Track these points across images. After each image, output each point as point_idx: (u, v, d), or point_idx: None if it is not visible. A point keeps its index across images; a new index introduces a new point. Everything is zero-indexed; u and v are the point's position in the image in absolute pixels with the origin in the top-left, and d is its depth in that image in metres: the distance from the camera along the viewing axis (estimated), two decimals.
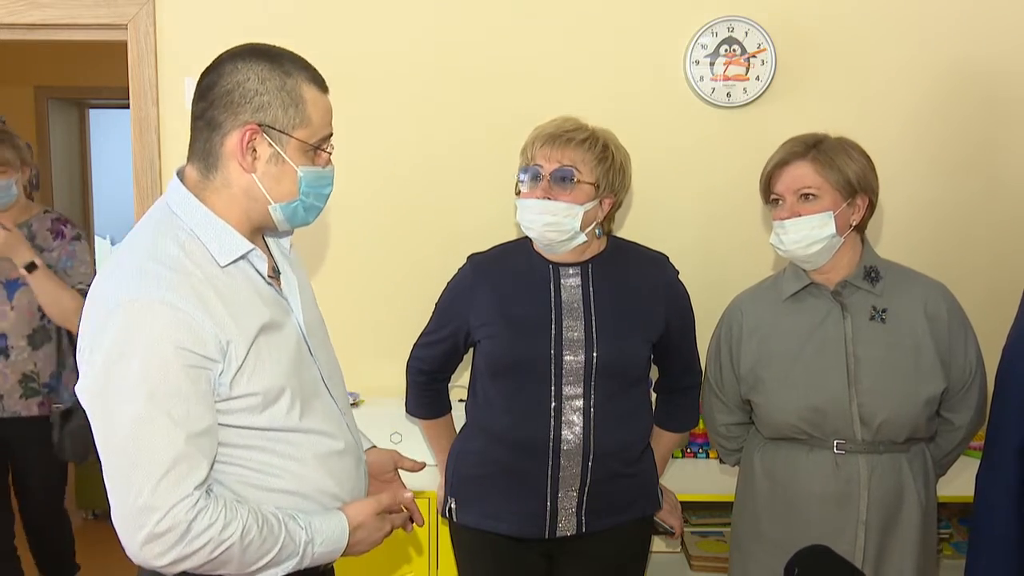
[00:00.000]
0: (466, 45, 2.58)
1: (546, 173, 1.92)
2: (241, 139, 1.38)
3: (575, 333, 1.94)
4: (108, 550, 1.36)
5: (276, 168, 1.41)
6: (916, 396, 1.84)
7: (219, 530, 1.32)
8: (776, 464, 1.93)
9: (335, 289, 2.57)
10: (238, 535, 1.34)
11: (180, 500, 1.29)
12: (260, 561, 1.38)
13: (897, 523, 1.87)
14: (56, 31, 2.64)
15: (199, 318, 1.32)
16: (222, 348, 1.34)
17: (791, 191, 1.87)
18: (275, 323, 1.45)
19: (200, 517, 1.31)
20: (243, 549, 1.35)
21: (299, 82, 1.42)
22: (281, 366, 1.43)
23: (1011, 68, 2.57)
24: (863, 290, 1.90)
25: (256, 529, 1.37)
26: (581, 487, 1.95)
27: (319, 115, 1.44)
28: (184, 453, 1.30)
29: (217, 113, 1.39)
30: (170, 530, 1.29)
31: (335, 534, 1.48)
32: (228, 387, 1.36)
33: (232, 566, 1.37)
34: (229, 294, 1.39)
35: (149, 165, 2.63)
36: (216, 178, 1.42)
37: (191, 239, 1.40)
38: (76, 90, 5.95)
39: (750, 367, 1.95)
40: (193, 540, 1.31)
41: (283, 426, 1.43)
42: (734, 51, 2.54)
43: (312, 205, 1.48)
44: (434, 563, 2.32)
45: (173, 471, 1.29)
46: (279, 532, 1.40)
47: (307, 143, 1.43)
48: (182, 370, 1.30)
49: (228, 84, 1.39)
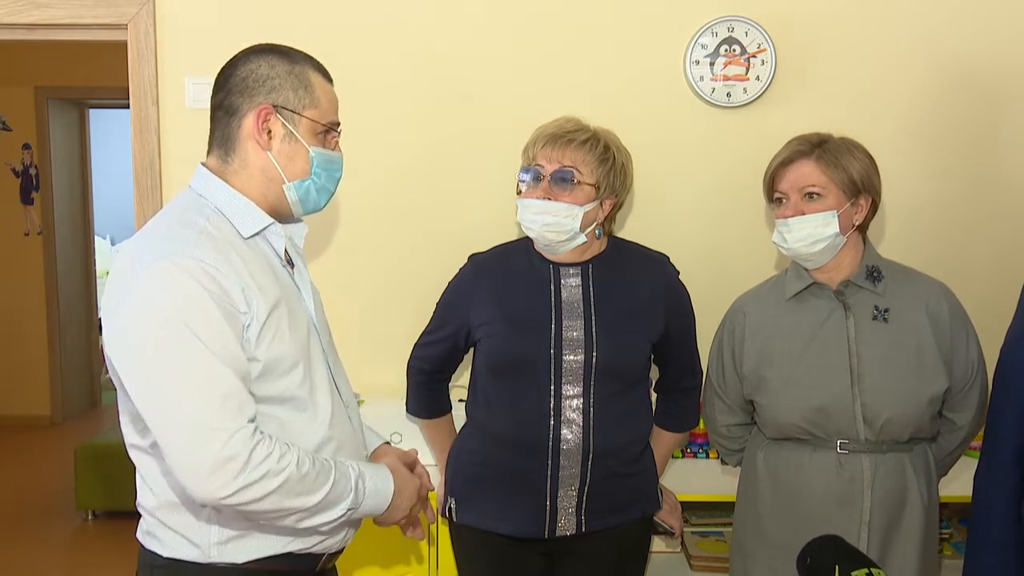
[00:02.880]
0: (467, 45, 2.58)
1: (547, 173, 1.92)
2: (257, 119, 1.48)
3: (575, 333, 1.94)
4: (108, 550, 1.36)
5: (289, 147, 1.51)
6: (919, 395, 1.84)
7: (276, 459, 1.36)
8: (779, 464, 1.93)
9: (336, 289, 2.56)
10: (294, 464, 1.38)
11: (241, 428, 1.34)
12: (318, 494, 1.41)
13: (900, 523, 1.87)
14: (56, 31, 2.64)
15: (227, 274, 1.39)
16: (248, 303, 1.41)
17: (795, 189, 1.87)
18: (290, 301, 1.51)
19: (259, 447, 1.35)
20: (300, 478, 1.39)
21: (306, 69, 1.54)
22: (297, 340, 1.49)
23: (1011, 68, 2.57)
24: (865, 290, 1.90)
25: (309, 462, 1.41)
26: (581, 487, 1.95)
27: (326, 100, 1.55)
28: (235, 388, 1.36)
29: (234, 99, 1.50)
30: (234, 456, 1.33)
31: (380, 474, 1.55)
32: (254, 345, 1.41)
33: (292, 499, 1.39)
34: (251, 262, 1.46)
35: (149, 165, 2.63)
36: (235, 160, 1.51)
37: (216, 215, 1.48)
38: (76, 90, 5.96)
39: (753, 367, 1.95)
40: (255, 468, 1.34)
41: (294, 396, 1.48)
42: (734, 51, 2.54)
43: (323, 187, 1.57)
44: (434, 563, 2.32)
45: (229, 401, 1.35)
46: (330, 467, 1.45)
47: (318, 123, 1.53)
48: (221, 315, 1.36)
49: (242, 73, 1.51)
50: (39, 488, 4.85)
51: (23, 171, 6.01)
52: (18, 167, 6.00)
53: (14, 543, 4.12)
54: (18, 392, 6.04)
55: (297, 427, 1.48)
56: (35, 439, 5.76)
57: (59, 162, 6.11)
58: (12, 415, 6.00)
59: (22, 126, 5.96)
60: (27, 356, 6.04)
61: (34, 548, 4.08)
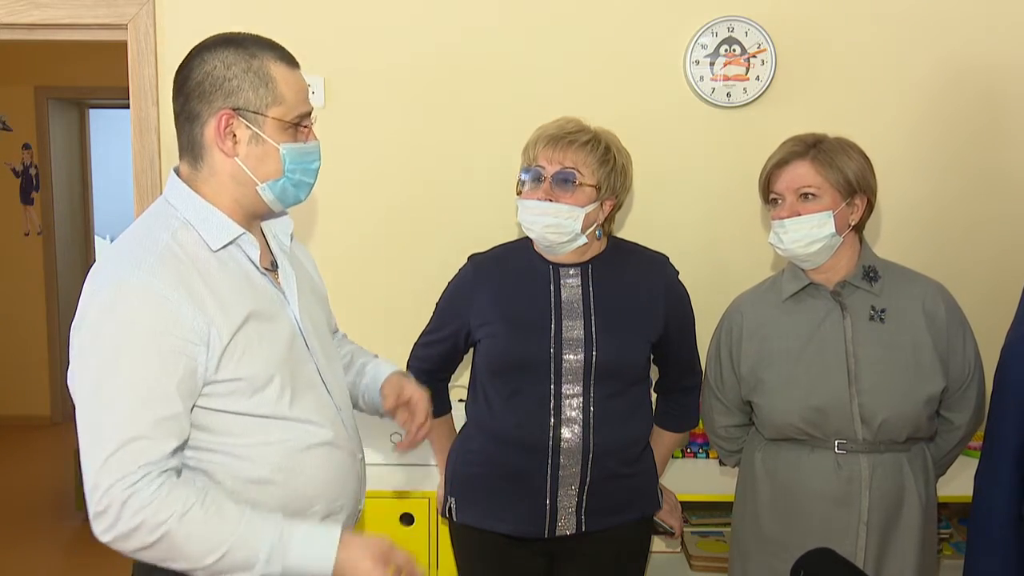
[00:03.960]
0: (467, 45, 2.58)
1: (548, 175, 1.92)
2: (218, 126, 1.41)
3: (575, 332, 1.94)
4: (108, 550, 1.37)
5: (258, 148, 1.44)
6: (916, 395, 1.85)
7: (153, 512, 1.29)
8: (777, 464, 1.93)
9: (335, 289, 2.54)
10: (175, 520, 1.30)
11: (121, 478, 1.29)
12: (208, 557, 1.31)
13: (898, 522, 1.87)
14: (56, 31, 2.64)
15: (179, 303, 1.34)
16: (202, 334, 1.35)
17: (791, 190, 1.87)
18: (266, 312, 1.46)
19: (136, 496, 1.29)
20: (186, 536, 1.30)
21: (265, 62, 1.44)
22: (272, 355, 1.44)
23: (1011, 67, 2.57)
24: (862, 290, 1.90)
25: (201, 519, 1.31)
26: (581, 486, 1.95)
27: (292, 92, 1.45)
28: (143, 434, 1.31)
29: (193, 105, 1.44)
30: (107, 508, 1.30)
31: (321, 540, 1.36)
32: (214, 370, 1.37)
33: (186, 556, 1.32)
34: (218, 280, 1.41)
35: (149, 165, 2.63)
36: (203, 168, 1.46)
37: (184, 227, 1.43)
38: (76, 90, 5.96)
39: (750, 368, 1.95)
40: (129, 519, 1.29)
41: (272, 413, 1.43)
42: (734, 51, 2.54)
43: (300, 181, 1.49)
44: (434, 563, 2.32)
45: (124, 449, 1.30)
46: (231, 528, 1.32)
47: (284, 120, 1.44)
48: (157, 354, 1.32)
49: (198, 75, 1.43)
50: (39, 488, 4.85)
51: (23, 171, 6.01)
52: (18, 167, 6.00)
53: (14, 543, 4.12)
54: (18, 392, 6.04)
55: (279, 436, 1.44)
56: (35, 439, 5.76)
57: (59, 162, 6.11)
58: (12, 415, 6.00)
59: (22, 126, 5.96)
60: (27, 356, 6.04)
61: (34, 548, 4.09)
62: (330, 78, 2.58)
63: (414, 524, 2.32)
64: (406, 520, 2.32)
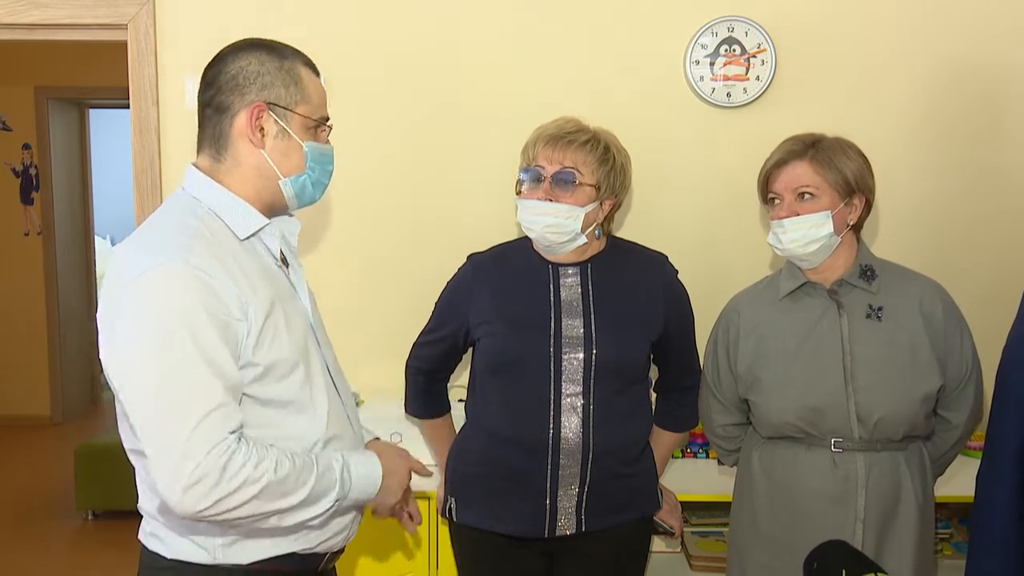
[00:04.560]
0: (466, 45, 2.58)
1: (547, 174, 1.92)
2: (250, 117, 1.47)
3: (575, 332, 1.94)
4: (108, 550, 1.37)
5: (283, 143, 1.51)
6: (913, 393, 1.85)
7: (253, 467, 1.36)
8: (774, 463, 1.93)
9: (335, 289, 2.56)
10: (272, 469, 1.38)
11: (214, 446, 1.34)
12: (300, 492, 1.42)
13: (895, 521, 1.87)
14: (56, 31, 2.64)
15: (221, 280, 1.38)
16: (244, 308, 1.40)
17: (789, 190, 1.87)
18: (286, 302, 1.51)
19: (233, 458, 1.35)
20: (280, 482, 1.39)
21: (295, 64, 1.53)
22: (295, 343, 1.49)
23: (1010, 67, 2.57)
24: (859, 289, 1.90)
25: (289, 463, 1.41)
26: (581, 486, 1.95)
27: (316, 95, 1.55)
28: (221, 401, 1.36)
29: (225, 97, 1.49)
30: (207, 475, 1.33)
31: (367, 458, 1.56)
32: (251, 351, 1.41)
33: (274, 502, 1.40)
34: (246, 265, 1.45)
35: (149, 165, 2.63)
36: (227, 159, 1.50)
37: (210, 216, 1.47)
38: (76, 90, 5.96)
39: (747, 367, 1.95)
40: (230, 480, 1.34)
41: (295, 399, 1.48)
42: (734, 51, 2.54)
43: (318, 181, 1.57)
44: (434, 563, 2.32)
45: (209, 418, 1.34)
46: (311, 463, 1.45)
47: (310, 118, 1.53)
48: (212, 326, 1.36)
49: (232, 70, 1.49)
50: (39, 488, 4.85)
51: (23, 171, 6.01)
52: (18, 167, 6.01)
53: (14, 543, 4.12)
54: (18, 392, 6.05)
55: (299, 429, 1.49)
56: (35, 439, 5.76)
57: (59, 162, 6.11)
58: (12, 415, 6.01)
59: (22, 126, 5.96)
60: (27, 356, 6.04)
61: (34, 548, 4.08)
62: (330, 78, 2.56)
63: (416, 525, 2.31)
64: None
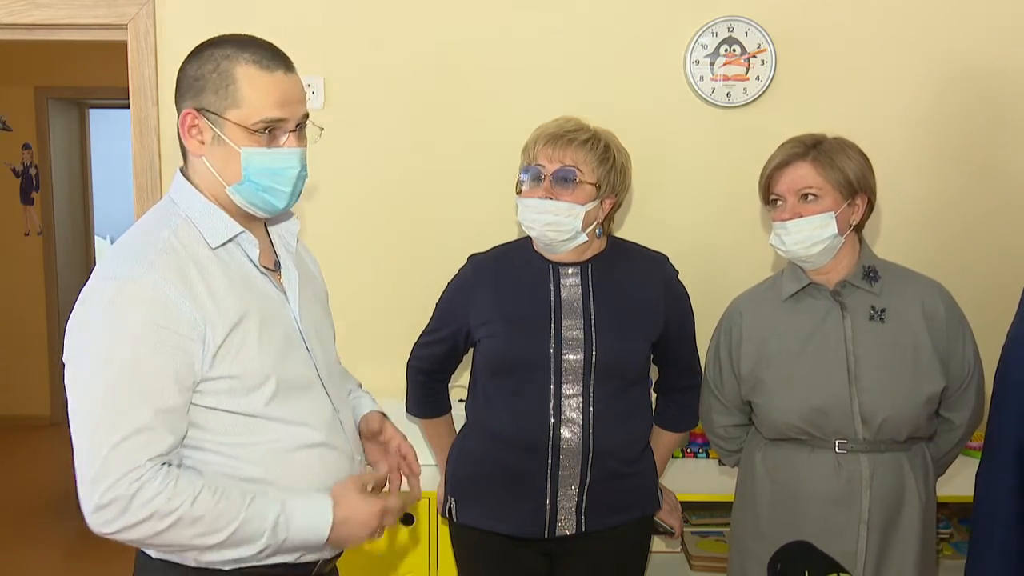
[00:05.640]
0: (466, 44, 2.58)
1: (548, 173, 1.92)
2: (182, 123, 1.45)
3: (575, 332, 1.94)
4: (108, 550, 1.37)
5: (220, 150, 1.44)
6: (917, 394, 1.85)
7: (165, 500, 1.32)
8: (778, 464, 1.93)
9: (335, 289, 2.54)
10: (187, 505, 1.33)
11: (130, 470, 1.31)
12: (218, 534, 1.36)
13: (898, 522, 1.87)
14: (56, 31, 2.64)
15: (177, 299, 1.36)
16: (198, 329, 1.37)
17: (792, 192, 1.87)
18: (264, 311, 1.47)
19: (145, 488, 1.32)
20: (194, 520, 1.34)
21: (234, 64, 1.41)
22: (267, 354, 1.44)
23: (1010, 67, 2.57)
24: (862, 290, 1.90)
25: (211, 501, 1.35)
26: (581, 486, 1.95)
27: (258, 96, 1.41)
28: (147, 425, 1.33)
29: (176, 103, 1.47)
30: (115, 500, 1.31)
31: (315, 508, 1.44)
32: (208, 367, 1.38)
33: (186, 539, 1.35)
34: (216, 278, 1.42)
35: (149, 165, 2.63)
36: (189, 166, 1.50)
37: (185, 224, 1.45)
38: (76, 90, 5.96)
39: (750, 368, 1.95)
40: (139, 509, 1.32)
41: (264, 413, 1.44)
42: (734, 51, 2.54)
43: (271, 187, 1.46)
44: (434, 563, 2.32)
45: (129, 441, 1.32)
46: (240, 507, 1.37)
47: (243, 125, 1.41)
48: (157, 346, 1.34)
49: (181, 74, 1.47)
50: (39, 488, 4.85)
51: (23, 171, 6.01)
52: (18, 167, 6.00)
53: (14, 543, 4.12)
54: (18, 392, 6.04)
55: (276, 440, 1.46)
56: (35, 439, 5.76)
57: (59, 162, 6.11)
58: (12, 415, 6.00)
59: (22, 126, 5.96)
60: (27, 356, 6.03)
61: (34, 548, 4.08)
62: (330, 78, 2.58)
63: (414, 524, 2.32)
64: (406, 520, 2.32)
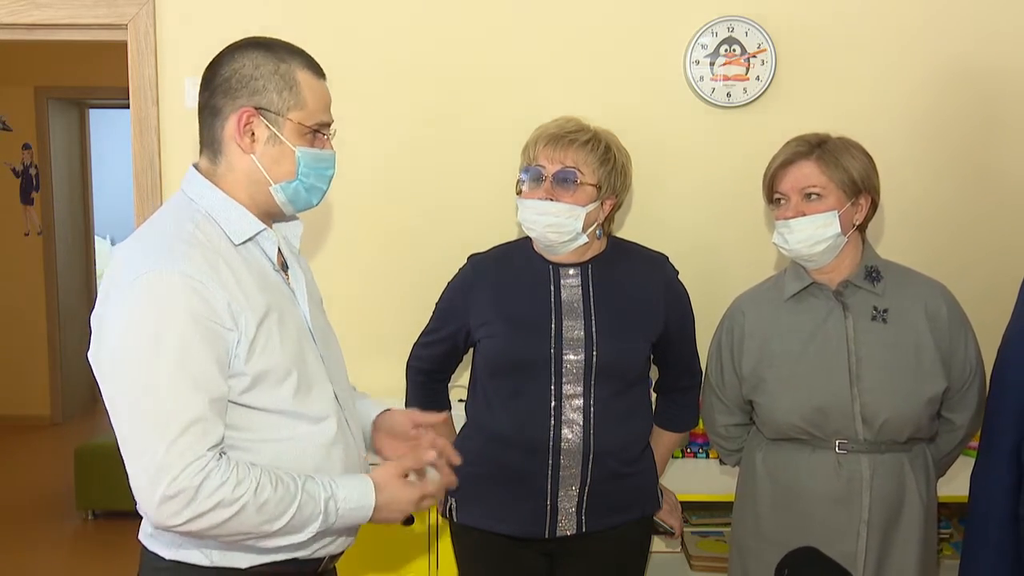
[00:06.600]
0: (466, 45, 2.58)
1: (548, 174, 1.92)
2: (238, 122, 1.45)
3: (575, 332, 1.94)
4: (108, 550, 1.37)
5: (274, 149, 1.47)
6: (918, 395, 1.85)
7: (231, 488, 1.34)
8: (778, 464, 1.93)
9: (335, 289, 2.55)
10: (251, 493, 1.36)
11: (193, 461, 1.32)
12: (279, 520, 1.39)
13: (899, 522, 1.87)
14: (56, 31, 2.64)
15: (214, 289, 1.37)
16: (235, 319, 1.38)
17: (796, 191, 1.87)
18: (281, 308, 1.49)
19: (212, 477, 1.33)
20: (258, 507, 1.36)
21: (293, 67, 1.48)
22: (288, 350, 1.46)
23: (1010, 67, 2.57)
24: (864, 290, 1.90)
25: (271, 488, 1.38)
26: (581, 486, 1.95)
27: (314, 99, 1.49)
28: (202, 415, 1.34)
29: (217, 100, 1.47)
30: (182, 491, 1.32)
31: (359, 490, 1.48)
32: (243, 360, 1.39)
33: (251, 526, 1.38)
34: (242, 272, 1.44)
35: (149, 165, 2.63)
36: (222, 163, 1.49)
37: (206, 220, 1.46)
38: (76, 90, 5.96)
39: (752, 368, 1.95)
40: (205, 499, 1.33)
41: (289, 408, 1.46)
42: (734, 51, 2.54)
43: (313, 186, 1.52)
44: (434, 563, 2.32)
45: (188, 432, 1.33)
46: (295, 491, 1.40)
47: (303, 125, 1.48)
48: (202, 337, 1.35)
49: (226, 72, 1.46)
50: (39, 488, 4.85)
51: (23, 171, 6.01)
52: (18, 167, 6.01)
53: (14, 543, 4.12)
54: (18, 392, 6.05)
55: (296, 436, 1.47)
56: (35, 439, 5.76)
57: (59, 162, 6.11)
58: (12, 415, 6.00)
59: (22, 126, 5.96)
60: (27, 356, 6.04)
61: (34, 548, 4.08)
62: (330, 79, 2.56)
63: (414, 524, 2.31)
64: (406, 520, 2.31)
